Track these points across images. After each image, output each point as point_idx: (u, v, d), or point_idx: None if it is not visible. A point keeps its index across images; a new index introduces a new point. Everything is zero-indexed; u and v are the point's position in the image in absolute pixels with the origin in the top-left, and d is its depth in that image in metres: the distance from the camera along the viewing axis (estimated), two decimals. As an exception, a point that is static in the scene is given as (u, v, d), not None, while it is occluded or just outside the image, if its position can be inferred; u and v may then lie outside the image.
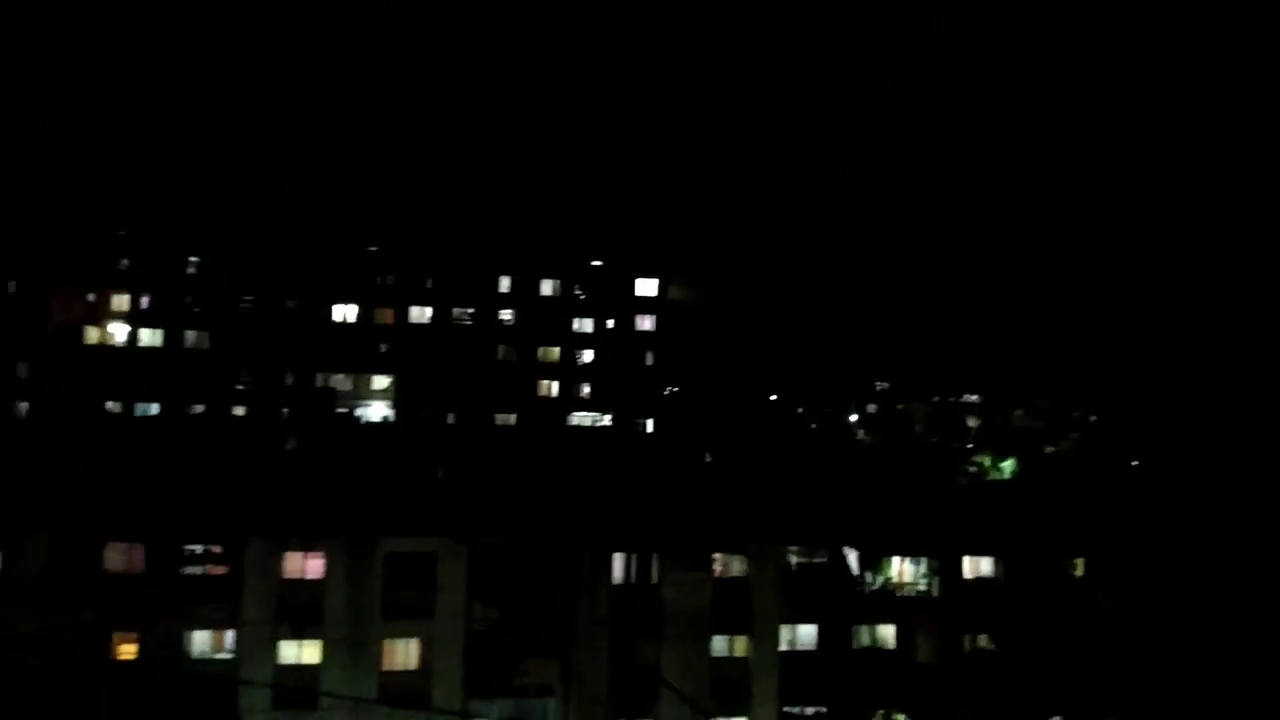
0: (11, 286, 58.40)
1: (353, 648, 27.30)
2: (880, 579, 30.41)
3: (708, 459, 41.35)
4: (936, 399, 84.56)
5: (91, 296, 59.96)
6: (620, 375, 64.74)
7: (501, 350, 64.84)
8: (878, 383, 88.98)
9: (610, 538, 28.89)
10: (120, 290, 60.46)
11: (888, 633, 29.91)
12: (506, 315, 65.34)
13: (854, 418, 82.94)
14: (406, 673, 28.05)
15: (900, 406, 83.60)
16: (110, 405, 58.11)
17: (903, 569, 30.66)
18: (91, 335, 60.08)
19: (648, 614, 28.21)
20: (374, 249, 63.77)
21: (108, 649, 26.54)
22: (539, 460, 39.44)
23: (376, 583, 27.73)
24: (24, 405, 57.58)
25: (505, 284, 65.31)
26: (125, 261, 60.71)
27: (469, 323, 64.54)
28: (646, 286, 66.30)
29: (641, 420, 64.16)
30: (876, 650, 29.53)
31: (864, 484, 35.65)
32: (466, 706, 27.52)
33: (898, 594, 30.45)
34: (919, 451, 60.70)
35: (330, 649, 27.23)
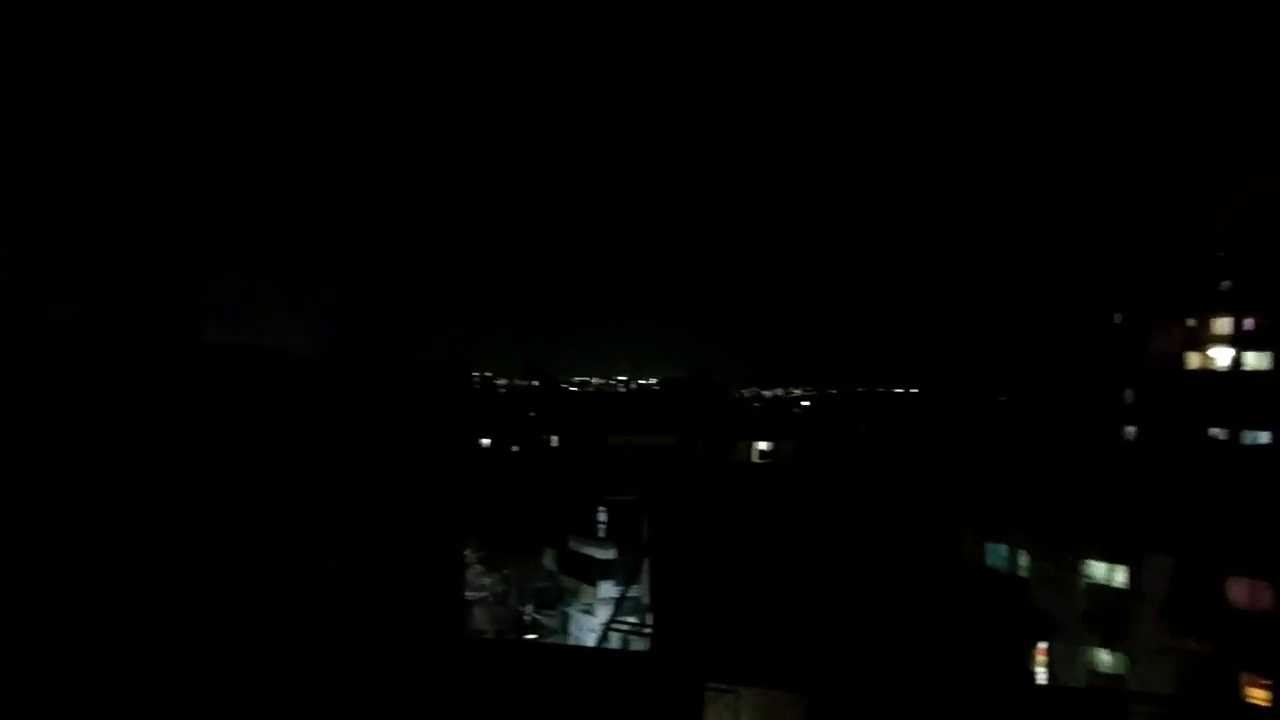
0: (1117, 318, 63.26)
1: None
2: None
3: None
4: None
5: (1191, 322, 60.08)
6: None
7: None
8: None
9: None
10: (1221, 313, 58.88)
11: None
12: None
13: None
14: None
15: None
16: (1214, 431, 56.80)
17: None
18: (1192, 360, 60.05)
19: None
20: None
21: (1235, 686, 25.57)
22: None
23: None
24: (1131, 429, 61.24)
25: None
26: (1226, 283, 58.85)
27: None
28: None
29: None
30: None
31: None
32: None
33: None
34: None
35: None
